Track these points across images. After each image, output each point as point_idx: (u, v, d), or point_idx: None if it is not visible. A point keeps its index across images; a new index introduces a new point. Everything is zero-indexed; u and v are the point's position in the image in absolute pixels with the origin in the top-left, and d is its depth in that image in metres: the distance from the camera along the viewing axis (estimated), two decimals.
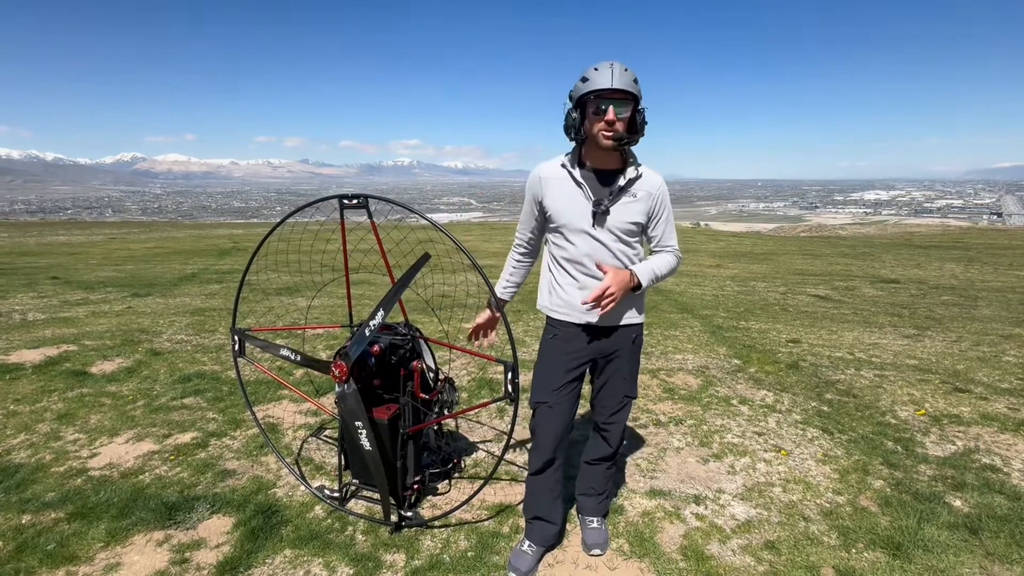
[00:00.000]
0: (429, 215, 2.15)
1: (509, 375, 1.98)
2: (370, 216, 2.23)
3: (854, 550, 2.11)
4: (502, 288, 2.14)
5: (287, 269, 3.85)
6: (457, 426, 3.22)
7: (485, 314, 2.16)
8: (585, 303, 1.80)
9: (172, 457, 2.86)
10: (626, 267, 1.87)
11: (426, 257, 2.10)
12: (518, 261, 2.12)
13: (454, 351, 4.09)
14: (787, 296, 8.45)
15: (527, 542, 2.07)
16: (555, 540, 2.13)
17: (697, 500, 2.47)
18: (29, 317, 6.31)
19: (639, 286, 1.84)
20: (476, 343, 2.19)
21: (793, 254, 16.88)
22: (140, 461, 2.83)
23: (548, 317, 2.02)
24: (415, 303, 6.17)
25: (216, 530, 2.26)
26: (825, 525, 2.28)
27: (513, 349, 1.99)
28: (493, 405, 3.54)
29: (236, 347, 2.58)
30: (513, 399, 1.98)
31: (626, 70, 1.70)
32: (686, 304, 7.37)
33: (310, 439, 3.09)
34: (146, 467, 2.77)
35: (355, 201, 2.13)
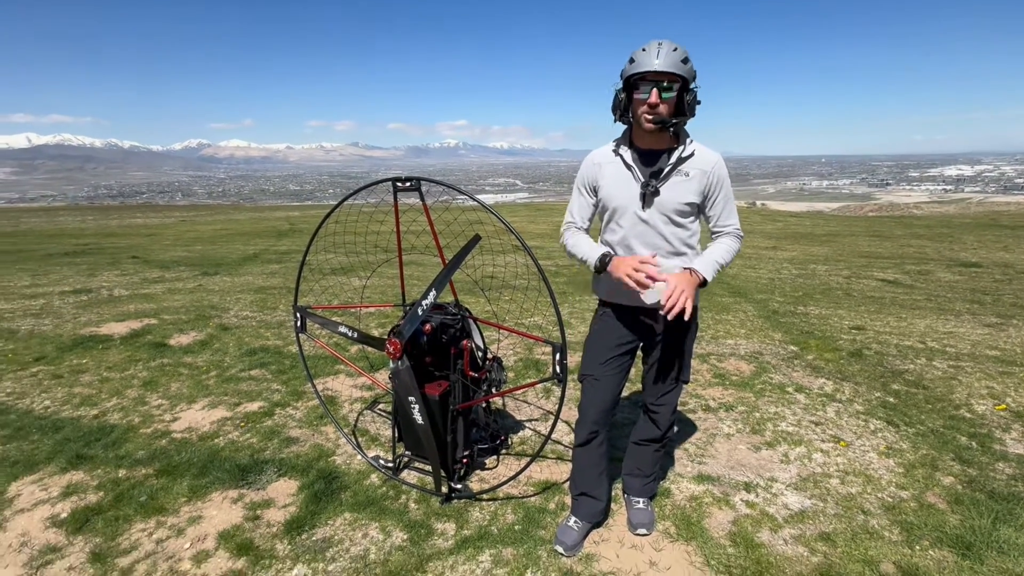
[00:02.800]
0: (477, 196, 2.17)
1: (557, 356, 2.00)
2: (422, 198, 2.29)
3: (918, 547, 2.01)
4: (601, 247, 1.89)
5: (342, 250, 4.02)
6: (504, 404, 3.29)
7: (632, 259, 1.74)
8: (663, 312, 1.64)
9: (242, 424, 3.10)
10: (678, 253, 1.84)
11: (476, 239, 2.13)
12: (585, 231, 1.96)
13: (502, 331, 4.14)
14: (851, 280, 7.95)
15: (573, 518, 2.11)
16: (601, 517, 2.16)
17: (748, 487, 2.42)
18: (115, 293, 6.92)
19: (705, 282, 1.76)
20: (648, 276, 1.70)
21: (859, 235, 15.78)
22: (215, 426, 3.08)
23: (600, 299, 2.02)
24: (464, 283, 6.28)
25: (283, 491, 2.44)
26: (886, 520, 2.18)
27: (562, 330, 2.01)
28: (540, 385, 3.59)
29: (298, 323, 2.74)
30: (561, 380, 2.00)
31: (675, 49, 1.65)
32: (739, 287, 7.10)
33: (365, 412, 3.25)
34: (220, 432, 3.01)
35: (408, 184, 2.19)
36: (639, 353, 2.08)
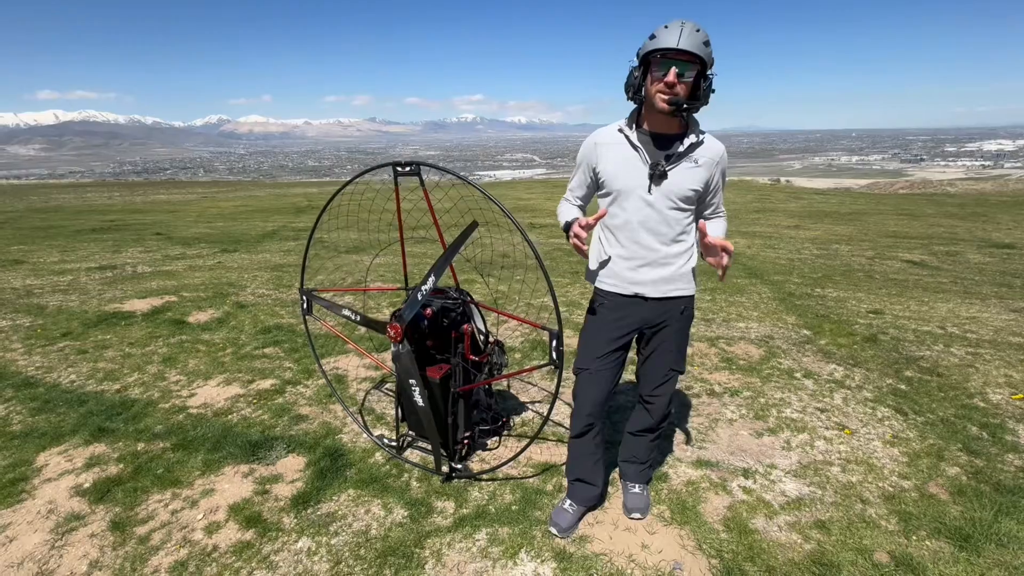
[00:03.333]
0: (487, 174, 2.16)
1: (554, 342, 2.00)
2: (422, 183, 2.28)
3: (915, 537, 2.01)
4: (572, 212, 1.93)
5: (353, 228, 4.06)
6: (509, 386, 3.33)
7: (585, 221, 1.78)
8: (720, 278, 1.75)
9: (255, 401, 3.21)
10: (677, 239, 1.83)
11: (474, 225, 2.13)
12: (580, 209, 1.97)
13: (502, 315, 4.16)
14: (874, 261, 7.73)
15: (568, 501, 2.15)
16: (596, 501, 2.20)
17: (746, 474, 2.43)
18: (138, 270, 7.13)
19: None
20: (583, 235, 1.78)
21: (887, 214, 15.25)
22: (229, 403, 3.19)
23: (595, 287, 2.00)
24: (466, 268, 6.29)
25: (291, 467, 2.54)
26: (885, 509, 2.17)
27: (558, 316, 2.01)
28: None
29: (304, 306, 2.79)
30: (557, 366, 2.02)
31: (698, 30, 1.60)
32: (756, 268, 6.97)
33: (372, 391, 3.33)
34: (234, 408, 3.13)
35: (408, 168, 2.18)
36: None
